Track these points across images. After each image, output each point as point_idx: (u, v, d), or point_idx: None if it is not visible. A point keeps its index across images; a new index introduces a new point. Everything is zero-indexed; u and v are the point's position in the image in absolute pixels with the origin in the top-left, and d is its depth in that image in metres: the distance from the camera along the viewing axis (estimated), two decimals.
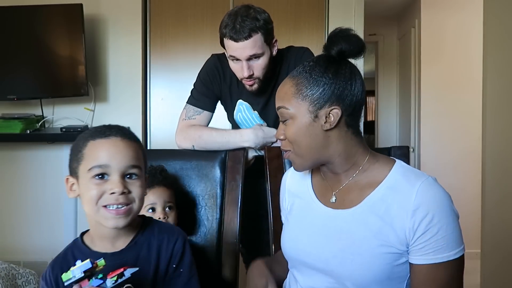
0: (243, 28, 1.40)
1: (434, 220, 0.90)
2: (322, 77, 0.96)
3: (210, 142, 1.49)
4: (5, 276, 1.75)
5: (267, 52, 1.47)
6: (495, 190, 2.22)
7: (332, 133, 0.97)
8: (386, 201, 0.95)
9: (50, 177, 2.70)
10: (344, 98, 0.96)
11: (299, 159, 1.02)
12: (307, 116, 0.97)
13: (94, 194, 0.91)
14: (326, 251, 0.98)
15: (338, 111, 0.96)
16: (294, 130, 0.99)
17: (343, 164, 1.00)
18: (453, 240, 0.91)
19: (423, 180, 0.93)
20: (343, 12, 2.74)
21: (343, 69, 0.97)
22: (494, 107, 2.23)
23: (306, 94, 0.96)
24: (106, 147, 0.93)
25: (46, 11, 2.51)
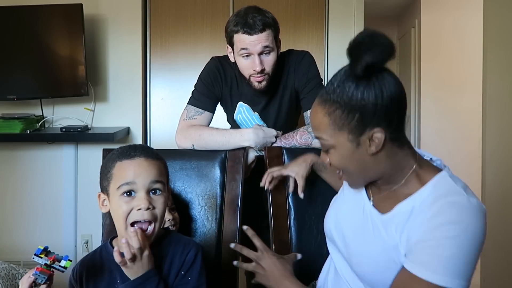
0: (256, 22, 1.43)
1: (444, 233, 0.83)
2: (355, 100, 0.86)
3: (210, 142, 1.50)
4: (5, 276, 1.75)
5: (275, 49, 1.50)
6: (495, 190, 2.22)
7: (380, 154, 0.90)
8: (410, 214, 0.90)
9: (50, 177, 2.69)
10: (383, 116, 0.87)
11: (352, 180, 0.99)
12: (348, 145, 0.90)
13: (124, 211, 1.00)
14: (353, 244, 0.99)
15: (380, 133, 0.88)
16: (338, 159, 0.93)
17: (391, 178, 0.95)
18: (445, 266, 0.82)
19: (454, 198, 0.86)
20: (343, 12, 2.74)
21: (374, 82, 0.86)
22: (494, 107, 2.23)
23: (342, 124, 0.88)
24: (132, 166, 1.02)
25: (46, 11, 2.50)
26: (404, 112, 0.91)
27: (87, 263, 1.08)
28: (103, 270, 1.05)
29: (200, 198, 1.44)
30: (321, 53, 2.71)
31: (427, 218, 0.86)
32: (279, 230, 1.42)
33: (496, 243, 2.21)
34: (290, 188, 1.37)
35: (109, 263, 1.05)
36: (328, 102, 0.90)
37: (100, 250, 1.11)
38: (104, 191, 1.05)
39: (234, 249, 1.17)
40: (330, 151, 0.94)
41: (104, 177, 1.04)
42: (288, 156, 1.47)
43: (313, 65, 1.59)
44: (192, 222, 1.42)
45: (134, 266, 0.98)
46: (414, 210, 0.89)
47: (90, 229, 2.67)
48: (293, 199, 1.43)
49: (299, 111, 1.69)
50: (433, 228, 0.84)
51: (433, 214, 0.85)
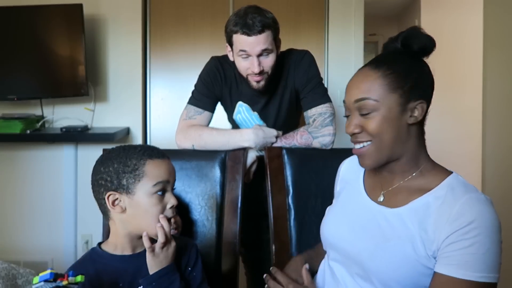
0: (255, 23, 1.42)
1: (470, 234, 0.86)
2: (411, 70, 0.96)
3: (210, 142, 1.50)
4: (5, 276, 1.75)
5: (275, 50, 1.49)
6: (495, 190, 2.22)
7: (413, 128, 0.98)
8: (429, 209, 0.93)
9: (50, 177, 2.69)
10: (429, 93, 0.98)
11: (376, 154, 0.99)
12: (395, 109, 0.95)
13: (158, 209, 1.02)
14: (360, 242, 0.99)
15: (424, 105, 0.96)
16: (379, 122, 0.96)
17: (406, 164, 1.00)
18: (483, 262, 0.86)
19: (471, 195, 0.91)
20: (343, 12, 2.74)
21: (424, 63, 0.98)
22: (494, 107, 2.23)
23: (396, 87, 0.95)
24: (164, 165, 1.05)
25: (46, 11, 2.50)
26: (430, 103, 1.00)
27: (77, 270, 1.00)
28: (100, 275, 1.03)
29: (200, 198, 1.44)
30: (321, 53, 2.71)
31: (453, 218, 0.89)
32: (279, 230, 1.42)
33: None
34: None
35: (104, 267, 1.04)
36: (384, 66, 0.96)
37: (90, 256, 1.08)
38: (121, 190, 1.02)
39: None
40: (372, 114, 0.96)
41: (129, 175, 1.01)
42: (288, 156, 1.47)
43: (313, 64, 1.59)
44: (192, 222, 1.42)
45: (161, 255, 1.02)
46: (433, 207, 0.92)
47: (90, 229, 2.67)
48: (293, 199, 1.43)
49: (299, 111, 1.69)
50: (461, 227, 0.87)
51: (457, 213, 0.88)
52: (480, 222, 0.87)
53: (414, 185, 0.99)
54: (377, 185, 1.06)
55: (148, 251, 1.01)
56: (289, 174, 1.45)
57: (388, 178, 1.03)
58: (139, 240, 1.07)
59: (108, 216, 1.06)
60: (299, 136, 1.50)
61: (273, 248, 1.41)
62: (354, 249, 1.00)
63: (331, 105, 1.54)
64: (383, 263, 0.94)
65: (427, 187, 0.96)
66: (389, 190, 1.02)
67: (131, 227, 1.04)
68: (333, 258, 1.07)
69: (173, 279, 1.03)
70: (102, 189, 1.03)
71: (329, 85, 2.62)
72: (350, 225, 1.04)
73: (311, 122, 1.52)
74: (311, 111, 1.54)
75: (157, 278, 1.01)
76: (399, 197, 0.99)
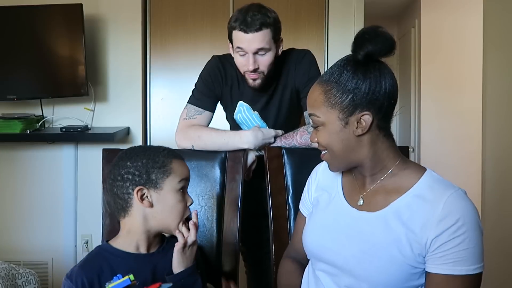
0: (254, 21, 1.42)
1: (460, 231, 0.89)
2: (351, 83, 0.94)
3: (209, 143, 1.50)
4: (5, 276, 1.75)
5: (273, 50, 1.49)
6: (495, 190, 2.22)
7: (364, 138, 0.97)
8: (411, 209, 0.94)
9: (50, 177, 2.69)
10: (374, 102, 0.95)
11: (333, 161, 1.03)
12: (337, 123, 0.97)
13: (183, 206, 1.09)
14: (346, 250, 0.99)
15: (369, 116, 0.95)
16: (326, 136, 0.99)
17: (372, 167, 1.01)
18: (474, 255, 0.89)
19: (452, 192, 0.92)
20: (343, 12, 2.74)
21: (372, 71, 0.94)
22: (494, 107, 2.23)
23: (335, 102, 0.96)
24: (185, 165, 1.12)
25: (46, 11, 2.50)
26: (393, 105, 0.98)
27: (93, 268, 1.04)
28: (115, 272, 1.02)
29: (200, 198, 1.44)
30: (321, 53, 2.71)
31: (439, 218, 0.90)
32: (279, 230, 1.42)
33: (496, 243, 2.21)
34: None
35: (119, 265, 1.04)
36: (326, 81, 0.97)
37: (100, 254, 1.08)
38: (150, 185, 1.05)
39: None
40: (320, 128, 1.00)
41: (158, 171, 1.06)
42: (288, 156, 1.47)
43: (314, 64, 1.59)
44: None
45: (187, 252, 1.07)
46: (415, 207, 0.94)
47: (90, 229, 2.67)
48: (293, 199, 1.43)
49: (300, 110, 1.69)
50: (449, 227, 0.89)
51: (442, 213, 0.90)
52: (465, 218, 0.89)
53: (390, 185, 1.00)
54: (354, 188, 1.06)
55: (180, 247, 1.05)
56: (289, 174, 1.45)
57: (363, 180, 1.04)
58: (155, 238, 1.10)
59: (127, 213, 1.07)
60: (298, 136, 1.50)
61: (273, 248, 1.41)
62: (340, 259, 1.00)
63: None
64: (372, 268, 0.95)
65: (405, 187, 0.97)
66: (367, 193, 1.02)
67: (154, 222, 1.06)
68: (320, 269, 1.06)
69: (196, 278, 1.08)
70: (128, 183, 1.05)
71: None
72: (333, 234, 1.03)
73: (311, 122, 1.52)
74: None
75: (186, 275, 1.05)
76: (378, 199, 1.00)
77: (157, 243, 1.11)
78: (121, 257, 1.05)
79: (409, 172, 0.99)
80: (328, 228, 1.05)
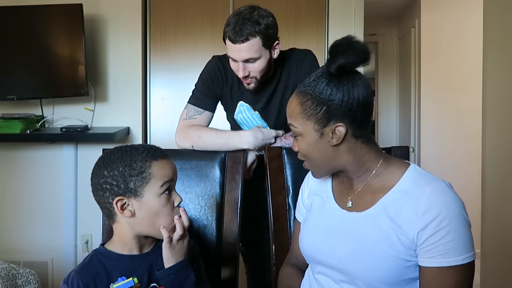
0: (241, 31, 1.41)
1: (443, 223, 0.91)
2: (325, 94, 0.97)
3: (209, 143, 1.50)
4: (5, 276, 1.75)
5: (265, 56, 1.47)
6: (495, 190, 2.22)
7: (341, 147, 1.00)
8: (397, 205, 0.96)
9: (50, 177, 2.69)
10: (347, 113, 0.97)
11: (314, 169, 1.07)
12: (313, 134, 0.99)
13: (169, 208, 1.04)
14: (339, 251, 1.02)
15: (342, 127, 0.97)
16: (304, 146, 1.03)
17: (356, 171, 1.03)
18: (461, 245, 0.91)
19: (434, 185, 0.94)
20: (343, 12, 2.74)
21: (345, 83, 0.96)
22: (494, 107, 2.23)
23: (310, 114, 0.98)
24: (169, 165, 1.06)
25: (46, 11, 2.50)
26: (368, 114, 1.00)
27: (89, 272, 1.04)
28: (111, 275, 1.03)
29: (200, 198, 1.44)
30: (321, 53, 2.71)
31: (422, 211, 0.92)
32: (279, 230, 1.42)
33: (496, 243, 2.21)
34: None
35: (114, 267, 1.04)
36: (302, 93, 1.00)
37: (96, 257, 1.07)
38: (129, 194, 1.00)
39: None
40: (298, 138, 1.03)
41: (136, 178, 1.00)
42: (288, 156, 1.47)
43: (315, 64, 1.59)
44: (192, 222, 1.42)
45: (177, 247, 1.04)
46: (401, 202, 0.96)
47: (90, 229, 2.67)
48: (293, 199, 1.43)
49: None
50: (432, 220, 0.91)
51: (425, 206, 0.92)
52: (448, 211, 0.91)
53: (375, 185, 1.02)
54: (343, 191, 1.09)
55: (166, 242, 1.03)
56: (289, 174, 1.45)
57: (350, 183, 1.07)
58: (147, 239, 1.08)
59: (114, 220, 1.05)
60: None
61: (273, 248, 1.41)
62: (335, 259, 1.02)
63: None
64: (365, 266, 0.97)
65: (390, 184, 1.00)
66: (355, 194, 1.05)
67: (140, 229, 1.04)
68: (318, 271, 1.09)
69: (189, 272, 1.05)
70: (107, 193, 1.01)
71: None
72: (326, 237, 1.06)
73: None
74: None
75: (175, 270, 1.03)
76: (365, 199, 1.02)
77: (152, 242, 1.10)
78: (116, 259, 1.05)
79: (392, 169, 1.02)
80: (322, 231, 1.08)
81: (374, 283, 0.96)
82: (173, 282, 1.03)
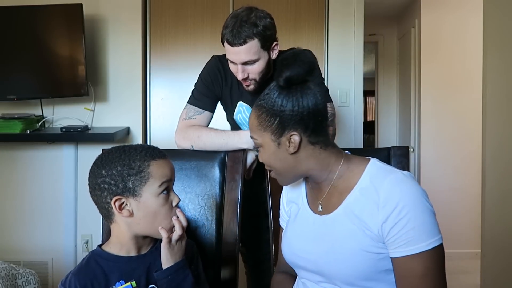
0: (239, 33, 1.40)
1: (402, 213, 0.94)
2: (277, 106, 1.01)
3: (208, 143, 1.50)
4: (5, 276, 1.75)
5: (263, 57, 1.47)
6: (495, 190, 2.22)
7: (299, 154, 1.04)
8: (360, 202, 1.01)
9: (50, 177, 2.69)
10: (299, 122, 1.01)
11: (280, 177, 1.10)
12: (272, 145, 1.04)
13: (167, 208, 1.03)
14: (313, 255, 1.06)
15: (296, 136, 1.02)
16: (265, 157, 1.07)
17: (319, 175, 1.07)
18: (424, 232, 0.94)
19: (390, 178, 0.99)
20: (343, 12, 2.74)
21: (293, 94, 1.01)
22: (494, 107, 2.23)
23: (266, 126, 1.03)
24: (167, 165, 1.06)
25: (46, 11, 2.50)
26: (320, 121, 1.04)
27: (86, 274, 1.03)
28: (109, 277, 1.03)
29: (199, 198, 1.44)
30: (321, 53, 2.71)
31: (382, 204, 0.96)
32: (279, 230, 1.42)
33: (496, 244, 2.21)
34: None
35: (112, 269, 1.04)
36: (258, 106, 1.06)
37: (93, 259, 1.06)
38: (127, 194, 1.00)
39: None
40: (260, 149, 1.08)
41: (134, 178, 1.00)
42: None
43: None
44: (191, 222, 1.42)
45: (176, 247, 1.04)
46: (362, 199, 1.00)
47: (90, 229, 2.67)
48: None
49: None
50: (392, 211, 0.95)
51: (384, 199, 0.96)
52: (405, 200, 0.95)
53: (340, 186, 1.06)
54: (314, 196, 1.13)
55: (165, 243, 1.02)
56: None
57: (318, 187, 1.10)
58: (145, 240, 1.07)
59: (112, 220, 1.05)
60: None
61: (273, 248, 1.41)
62: (311, 263, 1.07)
63: (332, 105, 1.54)
64: (338, 265, 1.00)
65: (352, 183, 1.04)
66: (324, 198, 1.09)
67: (138, 229, 1.03)
68: (302, 276, 1.13)
69: (187, 273, 1.05)
70: (105, 193, 1.01)
71: (329, 85, 2.62)
72: (301, 242, 1.10)
73: None
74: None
75: (173, 271, 1.03)
76: (333, 201, 1.06)
77: (149, 243, 1.09)
78: (113, 261, 1.04)
79: (353, 168, 1.06)
80: (298, 238, 1.11)
81: (351, 279, 1.00)
82: (171, 283, 1.03)
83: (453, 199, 3.62)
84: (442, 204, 3.64)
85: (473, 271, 3.01)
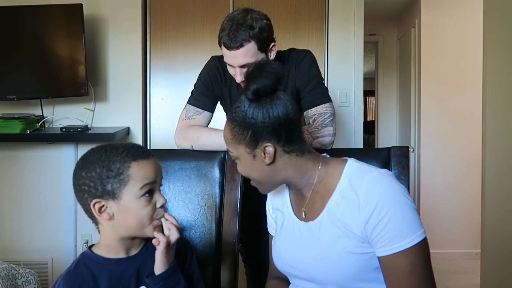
0: (236, 37, 1.40)
1: (382, 212, 0.94)
2: (248, 119, 1.01)
3: (208, 143, 1.50)
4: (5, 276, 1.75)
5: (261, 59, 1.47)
6: (495, 190, 2.22)
7: (276, 164, 1.04)
8: (341, 205, 1.01)
9: (50, 177, 2.69)
10: (272, 132, 1.01)
11: (260, 186, 1.10)
12: (247, 157, 1.04)
13: (149, 210, 0.99)
14: (301, 262, 1.06)
15: (270, 147, 1.01)
16: (242, 168, 1.08)
17: (299, 181, 1.07)
18: (406, 229, 0.94)
19: (367, 178, 0.99)
20: (343, 12, 2.74)
21: (263, 105, 1.01)
22: (494, 107, 2.23)
23: (240, 139, 1.03)
24: (150, 165, 1.01)
25: (46, 11, 2.50)
26: (293, 129, 1.03)
27: (75, 278, 1.01)
28: (98, 280, 1.01)
29: (199, 198, 1.44)
30: (321, 53, 2.71)
31: (362, 206, 0.97)
32: None
33: (496, 243, 2.21)
34: None
35: (101, 272, 1.02)
36: (231, 120, 1.05)
37: (82, 262, 1.04)
38: (107, 196, 0.97)
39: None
40: (237, 161, 1.08)
41: (113, 180, 0.96)
42: None
43: (314, 64, 1.59)
44: (191, 222, 1.42)
45: (170, 251, 1.01)
46: (343, 202, 1.00)
47: (90, 229, 2.66)
48: None
49: (300, 110, 1.69)
50: (372, 212, 0.95)
51: (363, 200, 0.96)
52: (384, 200, 0.95)
53: (321, 190, 1.06)
54: (298, 202, 1.13)
55: (163, 247, 0.99)
56: None
57: (300, 193, 1.10)
58: (134, 240, 1.05)
59: (96, 222, 1.02)
60: None
61: None
62: (300, 271, 1.07)
63: (331, 105, 1.54)
64: (327, 270, 1.01)
65: (332, 187, 1.04)
66: (307, 204, 1.09)
67: (121, 231, 1.01)
68: (293, 283, 1.13)
69: (179, 277, 1.03)
70: (86, 195, 0.98)
71: (329, 85, 2.62)
72: (289, 250, 1.11)
73: (311, 122, 1.52)
74: (311, 111, 1.53)
75: (164, 278, 1.00)
76: (316, 206, 1.06)
77: (139, 243, 1.06)
78: (102, 263, 1.02)
79: (331, 171, 1.06)
80: (287, 247, 1.12)
81: (343, 283, 1.00)
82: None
83: (453, 199, 3.61)
84: (442, 204, 3.64)
85: (473, 271, 3.02)
